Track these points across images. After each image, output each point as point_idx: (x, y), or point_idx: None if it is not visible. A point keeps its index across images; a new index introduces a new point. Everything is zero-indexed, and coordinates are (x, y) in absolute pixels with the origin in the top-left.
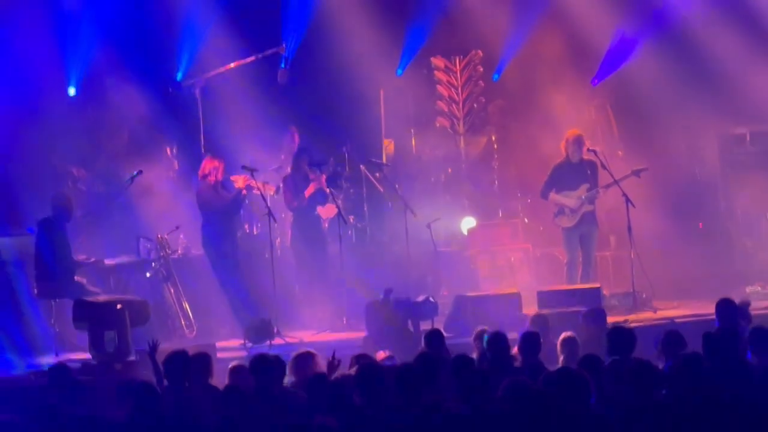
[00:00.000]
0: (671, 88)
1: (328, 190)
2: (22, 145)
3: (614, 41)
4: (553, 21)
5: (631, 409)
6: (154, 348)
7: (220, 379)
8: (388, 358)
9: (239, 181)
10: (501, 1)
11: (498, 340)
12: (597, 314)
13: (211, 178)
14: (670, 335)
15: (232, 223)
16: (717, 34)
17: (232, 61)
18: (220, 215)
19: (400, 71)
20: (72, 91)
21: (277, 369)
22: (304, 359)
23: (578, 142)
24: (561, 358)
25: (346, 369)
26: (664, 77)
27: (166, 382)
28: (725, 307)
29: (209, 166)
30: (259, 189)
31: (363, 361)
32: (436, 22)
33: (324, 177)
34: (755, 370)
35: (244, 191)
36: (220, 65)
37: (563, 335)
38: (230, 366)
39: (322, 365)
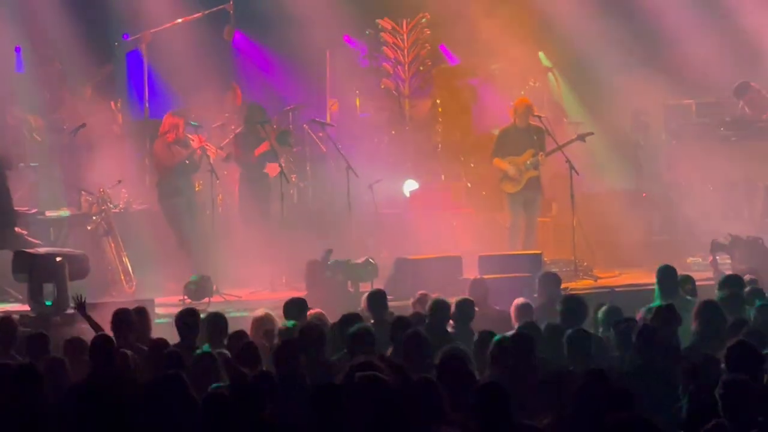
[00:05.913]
0: (618, 56)
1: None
2: None
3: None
4: None
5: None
6: (82, 305)
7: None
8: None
9: (196, 141)
10: None
11: (441, 308)
12: (551, 279)
13: (170, 136)
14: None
15: (188, 180)
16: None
17: (179, 17)
18: (175, 172)
19: (347, 32)
20: None
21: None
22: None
23: (527, 109)
24: (515, 324)
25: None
26: (611, 45)
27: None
28: (666, 273)
29: (168, 122)
30: (211, 151)
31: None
32: None
33: (273, 135)
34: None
35: (199, 152)
36: (166, 21)
37: (518, 301)
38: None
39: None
